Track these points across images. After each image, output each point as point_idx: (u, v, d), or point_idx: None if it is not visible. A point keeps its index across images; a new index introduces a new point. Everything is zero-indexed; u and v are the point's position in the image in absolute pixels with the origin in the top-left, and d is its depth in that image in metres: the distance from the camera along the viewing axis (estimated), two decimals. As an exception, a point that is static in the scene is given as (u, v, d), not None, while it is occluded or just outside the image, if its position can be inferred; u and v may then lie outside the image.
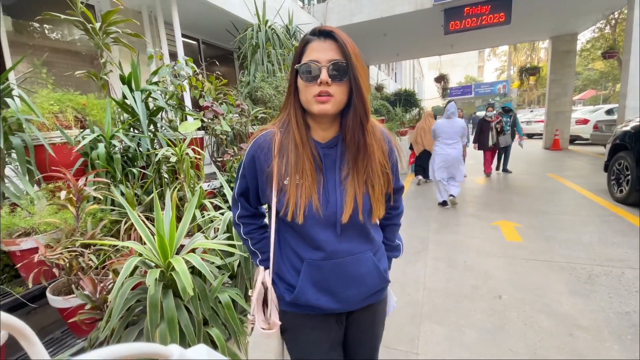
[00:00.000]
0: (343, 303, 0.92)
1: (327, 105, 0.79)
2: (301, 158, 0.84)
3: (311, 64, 0.78)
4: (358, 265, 0.91)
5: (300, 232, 0.89)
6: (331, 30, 0.80)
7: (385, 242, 1.08)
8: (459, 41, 10.17)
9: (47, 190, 2.03)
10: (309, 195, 0.84)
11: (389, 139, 0.95)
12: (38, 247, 1.76)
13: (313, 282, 0.90)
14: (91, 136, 2.19)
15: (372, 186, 0.87)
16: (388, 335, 2.06)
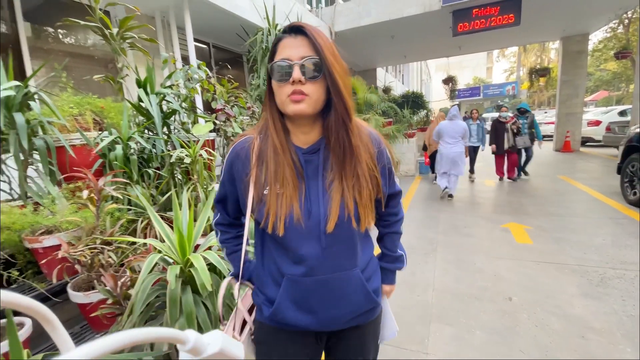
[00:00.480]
0: (324, 323, 0.86)
1: (302, 105, 0.73)
2: (281, 165, 0.78)
3: (282, 62, 0.73)
4: (343, 283, 0.84)
5: (282, 244, 0.82)
6: (301, 26, 0.74)
7: (385, 252, 1.02)
8: (467, 43, 10.13)
9: (68, 190, 2.11)
10: (289, 205, 0.78)
11: (378, 140, 0.87)
12: (60, 244, 1.84)
13: (293, 299, 0.83)
14: (109, 138, 2.26)
15: (359, 192, 0.80)
16: (398, 335, 2.07)
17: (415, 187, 6.67)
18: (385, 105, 7.28)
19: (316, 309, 0.83)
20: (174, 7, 4.29)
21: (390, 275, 1.02)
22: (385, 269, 1.01)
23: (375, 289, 0.92)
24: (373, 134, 0.87)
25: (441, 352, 1.93)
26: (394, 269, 1.02)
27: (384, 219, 1.01)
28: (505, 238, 3.60)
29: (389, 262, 1.01)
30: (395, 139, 6.78)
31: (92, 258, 1.67)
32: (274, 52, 0.76)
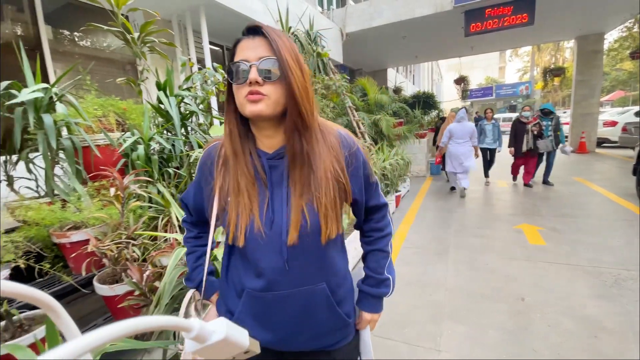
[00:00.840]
0: (285, 341, 0.81)
1: (260, 105, 0.69)
2: (235, 172, 0.75)
3: (240, 63, 0.70)
4: (306, 299, 0.78)
5: (245, 256, 0.78)
6: (259, 26, 0.71)
7: (368, 273, 0.91)
8: (479, 42, 10.05)
9: (93, 188, 2.21)
10: (249, 214, 0.74)
11: (350, 143, 0.81)
12: (86, 239, 1.94)
13: (253, 314, 0.80)
14: (132, 139, 2.36)
15: (317, 197, 0.73)
16: (410, 333, 2.11)
17: (426, 187, 6.66)
18: (396, 106, 7.28)
19: (276, 326, 0.79)
20: (190, 11, 4.41)
21: (372, 302, 0.90)
22: (367, 293, 0.90)
23: (348, 312, 0.85)
24: (343, 136, 0.81)
25: (454, 350, 1.96)
26: (377, 295, 0.89)
27: (367, 234, 0.93)
28: (517, 239, 3.59)
29: (371, 285, 0.90)
30: (407, 140, 6.77)
31: (119, 252, 1.76)
32: (233, 54, 0.73)
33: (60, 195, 2.17)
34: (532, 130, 5.65)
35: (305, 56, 4.48)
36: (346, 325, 0.84)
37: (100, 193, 2.22)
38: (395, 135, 6.48)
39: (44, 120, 1.98)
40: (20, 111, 1.96)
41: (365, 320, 0.91)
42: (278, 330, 0.79)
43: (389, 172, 4.51)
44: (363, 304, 0.90)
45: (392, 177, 4.63)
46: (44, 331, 1.52)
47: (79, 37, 4.24)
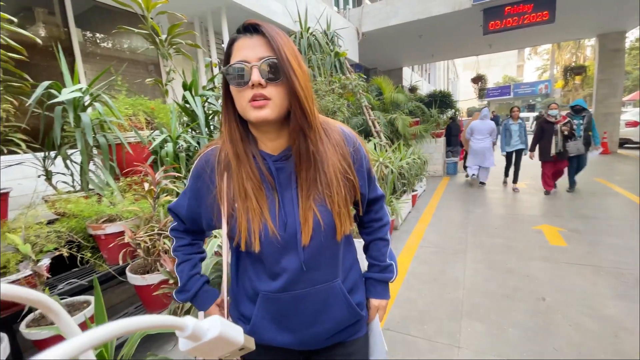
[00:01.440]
0: (305, 341, 0.80)
1: (266, 111, 0.66)
2: (240, 176, 0.72)
3: (239, 64, 0.65)
4: (323, 297, 0.78)
5: (258, 260, 0.77)
6: (257, 24, 0.67)
7: (371, 262, 0.93)
8: (498, 41, 9.88)
9: (126, 183, 2.33)
10: (261, 218, 0.72)
11: (353, 139, 0.81)
12: (119, 231, 2.05)
13: (270, 317, 0.78)
14: (162, 137, 2.47)
15: (330, 198, 0.73)
16: (429, 329, 2.15)
17: (443, 187, 6.62)
18: (412, 105, 7.26)
19: (295, 326, 0.78)
20: (211, 13, 4.53)
21: (379, 287, 0.91)
22: (373, 279, 0.92)
23: (359, 302, 0.85)
24: (347, 133, 0.81)
25: (473, 347, 1.98)
26: (382, 280, 0.91)
27: (367, 225, 0.94)
28: (537, 240, 3.55)
29: (376, 272, 0.92)
30: (423, 139, 6.75)
31: (153, 244, 1.86)
32: (229, 54, 0.69)
33: (95, 189, 2.30)
34: (562, 130, 4.95)
35: (323, 56, 4.53)
36: (360, 318, 0.85)
37: (132, 188, 2.34)
38: (412, 135, 6.47)
39: (82, 119, 2.10)
40: (60, 110, 2.09)
41: (374, 307, 0.91)
42: (298, 330, 0.78)
43: (405, 171, 4.52)
44: (370, 292, 0.92)
45: (409, 176, 4.64)
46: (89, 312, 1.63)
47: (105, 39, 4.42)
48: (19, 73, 1.99)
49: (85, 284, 1.84)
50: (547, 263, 2.98)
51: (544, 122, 5.25)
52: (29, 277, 1.59)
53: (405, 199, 4.52)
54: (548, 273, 2.80)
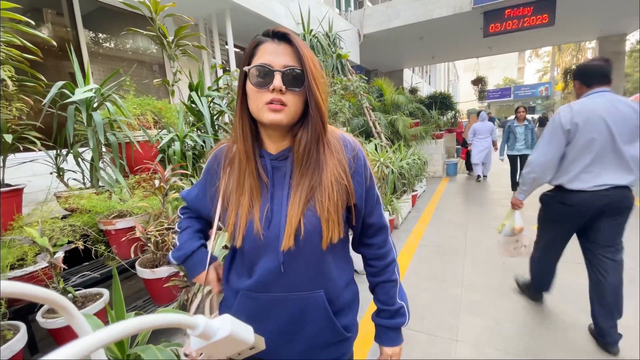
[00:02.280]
0: (277, 351, 0.78)
1: (280, 116, 0.68)
2: (243, 173, 0.75)
3: (263, 67, 0.67)
4: (302, 306, 0.76)
5: (242, 256, 0.78)
6: (286, 32, 0.69)
7: (380, 307, 0.87)
8: (498, 43, 9.96)
9: (135, 181, 2.40)
10: (249, 215, 0.73)
11: (353, 147, 0.79)
12: (129, 227, 2.12)
13: (246, 316, 0.76)
14: (170, 136, 2.54)
15: (320, 201, 0.72)
16: (427, 325, 2.21)
17: (442, 187, 6.69)
18: (413, 106, 7.33)
19: (270, 330, 0.75)
20: (216, 15, 4.60)
21: (391, 334, 0.85)
22: (383, 326, 0.86)
23: (347, 325, 0.81)
24: (347, 139, 0.80)
25: (471, 341, 2.05)
26: (393, 327, 0.85)
27: (370, 264, 0.88)
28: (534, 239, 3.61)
29: (386, 317, 0.86)
30: (423, 140, 6.82)
31: (162, 238, 1.93)
32: (251, 55, 0.71)
33: (105, 186, 2.37)
34: None
35: (325, 57, 4.61)
36: (343, 340, 0.81)
37: (141, 185, 2.40)
38: (412, 136, 6.54)
39: (94, 118, 2.17)
40: (72, 109, 2.16)
41: (385, 354, 0.85)
42: (270, 336, 0.72)
43: (406, 172, 4.59)
44: (382, 339, 0.86)
45: (409, 176, 4.71)
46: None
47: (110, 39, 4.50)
48: (34, 73, 2.07)
49: (97, 276, 1.90)
50: (545, 262, 3.04)
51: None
52: (45, 269, 1.66)
53: (405, 199, 4.59)
54: (545, 271, 2.86)
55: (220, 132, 3.24)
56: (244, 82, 0.72)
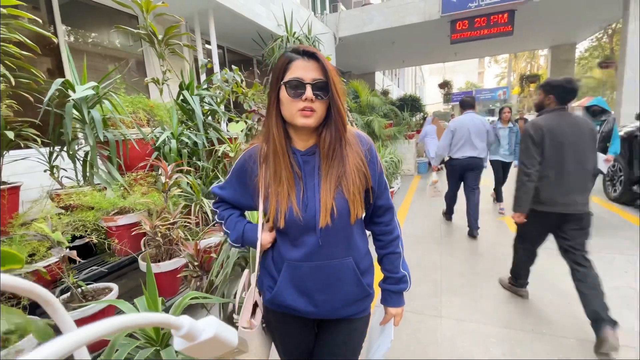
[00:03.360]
0: (319, 307, 0.94)
1: (310, 120, 0.84)
2: (279, 167, 0.89)
3: (297, 80, 0.83)
4: (337, 270, 0.92)
5: (285, 235, 0.94)
6: (314, 52, 0.86)
7: (386, 275, 1.04)
8: (463, 49, 10.64)
9: (132, 178, 2.43)
10: (288, 201, 0.88)
11: (366, 140, 0.97)
12: (131, 223, 2.17)
13: (292, 283, 0.93)
14: (165, 133, 2.59)
15: (346, 186, 0.89)
16: (415, 305, 2.45)
17: (415, 184, 7.08)
18: (387, 108, 7.68)
19: (312, 292, 0.92)
20: (198, 14, 4.61)
21: (395, 297, 1.03)
22: (389, 291, 1.04)
23: (369, 283, 0.99)
24: (361, 136, 0.97)
25: (453, 316, 2.31)
26: (397, 291, 1.03)
27: (379, 239, 1.05)
28: (501, 229, 4.02)
29: (391, 284, 1.03)
30: (397, 140, 7.17)
31: (169, 232, 2.00)
32: (285, 70, 0.85)
33: (102, 184, 2.38)
34: None
35: (307, 60, 4.77)
36: (367, 297, 0.99)
37: (138, 182, 2.44)
38: (387, 136, 6.87)
39: (93, 115, 2.19)
40: (71, 106, 2.16)
41: (390, 314, 1.05)
42: (314, 295, 0.93)
43: (384, 170, 4.87)
44: (387, 301, 1.04)
45: (387, 174, 4.99)
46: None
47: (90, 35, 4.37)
48: (30, 69, 2.05)
49: (105, 270, 1.94)
50: (511, 248, 3.41)
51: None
52: (57, 263, 1.69)
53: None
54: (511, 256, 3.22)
55: (211, 130, 3.30)
56: (277, 92, 0.87)
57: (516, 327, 2.16)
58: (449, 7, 7.53)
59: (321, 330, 1.04)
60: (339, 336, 1.00)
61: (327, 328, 1.02)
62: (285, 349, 1.07)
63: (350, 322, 1.00)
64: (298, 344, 1.05)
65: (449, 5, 7.50)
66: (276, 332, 1.05)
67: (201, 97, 3.17)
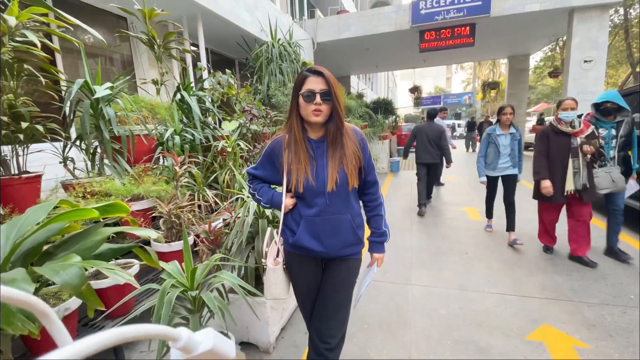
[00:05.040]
0: (327, 248, 1.31)
1: (320, 118, 1.24)
2: (298, 150, 1.28)
3: (309, 92, 1.22)
4: (339, 222, 1.30)
5: (302, 198, 1.31)
6: (322, 71, 1.24)
7: (372, 230, 1.45)
8: (431, 57, 11.44)
9: (142, 170, 2.70)
10: (305, 174, 1.27)
11: (360, 133, 1.37)
12: (142, 209, 2.46)
13: (308, 231, 1.30)
14: (170, 130, 2.88)
15: (346, 164, 1.27)
16: (389, 276, 2.90)
17: (389, 182, 7.64)
18: (362, 110, 8.19)
19: (322, 237, 1.30)
20: (187, 18, 4.86)
21: (378, 246, 1.46)
22: (374, 241, 1.45)
23: (361, 235, 1.37)
24: (356, 130, 1.37)
25: (421, 284, 2.78)
26: (380, 241, 1.45)
27: (367, 205, 1.45)
28: (462, 217, 4.60)
29: (376, 236, 1.45)
30: (372, 141, 7.70)
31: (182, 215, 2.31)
32: (302, 84, 1.25)
33: (114, 175, 2.63)
34: (585, 148, 2.82)
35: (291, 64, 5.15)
36: (359, 242, 1.38)
37: (146, 173, 2.71)
38: (363, 136, 7.36)
39: (108, 112, 2.46)
40: (88, 104, 2.42)
41: (374, 258, 1.46)
42: (324, 240, 1.31)
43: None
44: (372, 249, 1.46)
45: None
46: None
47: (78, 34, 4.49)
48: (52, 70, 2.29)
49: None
50: (470, 232, 3.98)
51: (552, 131, 3.01)
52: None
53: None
54: (470, 237, 3.78)
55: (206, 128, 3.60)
56: (297, 98, 1.28)
57: (469, 289, 2.66)
58: (418, 19, 8.19)
59: (327, 268, 1.42)
60: (339, 271, 1.38)
61: (331, 265, 1.40)
62: (299, 284, 1.44)
63: (347, 261, 1.39)
64: (309, 279, 1.41)
65: (418, 17, 8.16)
66: (294, 270, 1.42)
67: (198, 97, 3.47)
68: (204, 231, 2.15)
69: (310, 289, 1.44)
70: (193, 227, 2.50)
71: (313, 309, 1.44)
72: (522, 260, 3.14)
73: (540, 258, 3.16)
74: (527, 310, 2.33)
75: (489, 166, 3.76)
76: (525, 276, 2.81)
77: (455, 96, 32.07)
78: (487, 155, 3.76)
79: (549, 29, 9.16)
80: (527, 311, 2.33)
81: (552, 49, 19.27)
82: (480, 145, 3.85)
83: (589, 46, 7.29)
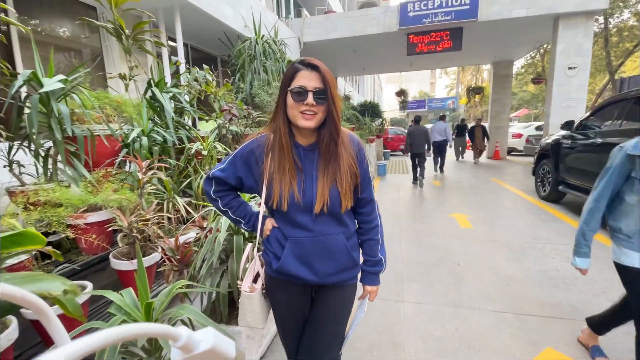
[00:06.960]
0: (318, 275, 1.09)
1: (311, 122, 0.98)
2: (283, 160, 1.02)
3: (300, 89, 0.96)
4: (331, 243, 1.08)
5: (286, 216, 1.07)
6: (317, 65, 0.99)
7: (365, 258, 1.19)
8: (417, 61, 11.41)
9: (100, 175, 2.38)
10: (290, 188, 1.02)
11: (357, 142, 1.12)
12: (100, 220, 2.14)
13: (295, 255, 1.07)
14: (137, 130, 2.57)
15: (340, 182, 1.03)
16: (381, 291, 2.67)
17: (376, 185, 7.47)
18: (349, 113, 8.01)
19: (312, 262, 1.07)
20: (163, 10, 4.53)
21: (372, 277, 1.20)
22: (367, 272, 1.20)
23: (356, 257, 1.15)
24: (353, 138, 1.11)
25: (413, 299, 2.57)
26: (374, 272, 1.20)
27: (360, 227, 1.19)
28: (452, 224, 4.44)
29: (369, 266, 1.19)
30: (358, 143, 7.52)
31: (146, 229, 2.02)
32: (291, 78, 0.99)
33: (68, 180, 2.31)
34: None
35: (275, 62, 4.89)
36: (355, 266, 1.15)
37: (107, 180, 2.40)
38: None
39: (61, 109, 2.14)
40: (37, 99, 2.09)
41: (367, 291, 1.22)
42: (314, 265, 1.07)
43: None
44: (365, 280, 1.21)
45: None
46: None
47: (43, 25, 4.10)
48: None
49: (77, 268, 1.91)
50: (460, 240, 3.82)
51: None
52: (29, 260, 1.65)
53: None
54: (460, 247, 3.61)
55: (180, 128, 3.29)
56: (285, 96, 1.01)
57: (464, 306, 2.47)
58: (406, 21, 8.08)
59: (318, 296, 1.18)
60: (334, 301, 1.15)
61: (323, 294, 1.17)
62: (283, 316, 1.19)
63: (343, 289, 1.16)
64: (295, 310, 1.18)
65: (406, 19, 8.05)
66: (276, 298, 1.17)
67: (171, 94, 3.16)
68: (170, 248, 1.87)
69: (297, 322, 1.20)
70: (161, 241, 2.21)
71: (299, 344, 1.19)
72: (516, 272, 2.98)
73: (534, 270, 3.02)
74: (526, 331, 2.16)
75: (625, 238, 1.51)
76: (520, 292, 2.65)
77: (439, 100, 32.60)
78: (615, 206, 1.58)
79: (534, 35, 9.25)
80: (526, 331, 2.15)
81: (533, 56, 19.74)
82: (601, 180, 1.57)
83: (574, 52, 7.35)
